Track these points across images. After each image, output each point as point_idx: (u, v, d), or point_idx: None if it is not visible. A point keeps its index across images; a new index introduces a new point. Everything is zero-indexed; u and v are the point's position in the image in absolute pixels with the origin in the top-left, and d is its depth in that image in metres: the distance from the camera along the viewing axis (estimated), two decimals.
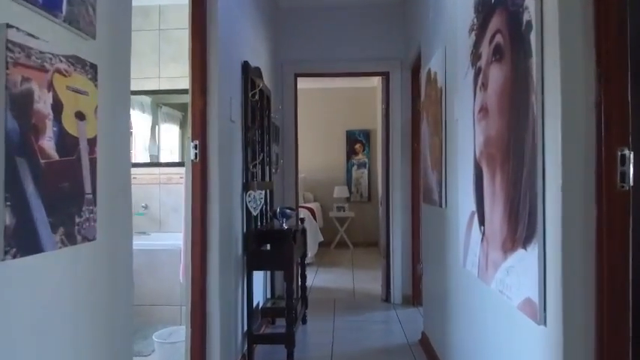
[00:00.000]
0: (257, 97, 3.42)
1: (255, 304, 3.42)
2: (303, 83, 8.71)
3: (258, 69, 3.61)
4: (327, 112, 8.85)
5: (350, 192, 8.90)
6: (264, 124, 3.71)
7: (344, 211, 8.51)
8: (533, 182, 1.46)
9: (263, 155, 3.69)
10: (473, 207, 2.13)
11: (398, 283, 4.73)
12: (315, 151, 8.81)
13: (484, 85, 1.97)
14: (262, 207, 3.49)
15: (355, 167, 9.13)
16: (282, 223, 3.45)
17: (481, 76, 2.01)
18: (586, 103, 1.31)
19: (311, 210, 7.10)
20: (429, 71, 3.30)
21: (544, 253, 1.41)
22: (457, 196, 2.47)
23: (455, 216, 2.51)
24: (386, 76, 4.88)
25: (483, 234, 1.97)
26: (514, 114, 1.63)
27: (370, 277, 5.86)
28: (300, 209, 6.70)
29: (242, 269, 3.11)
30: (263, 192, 3.53)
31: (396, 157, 4.79)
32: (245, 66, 3.19)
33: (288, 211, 3.46)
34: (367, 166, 9.01)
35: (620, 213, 1.26)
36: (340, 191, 8.67)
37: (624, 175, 1.25)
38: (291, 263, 3.02)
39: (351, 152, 9.12)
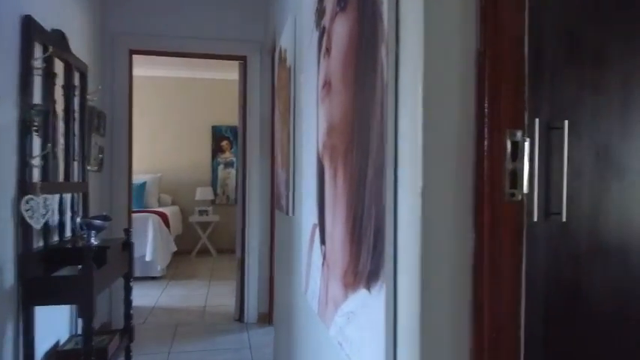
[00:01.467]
0: (54, 69, 2.54)
1: (50, 347, 2.52)
2: (158, 69, 7.74)
3: (59, 33, 2.71)
4: (189, 105, 7.91)
5: (215, 194, 8.09)
6: (70, 107, 2.81)
7: (207, 214, 7.67)
8: (379, 186, 0.91)
9: (70, 147, 2.79)
10: (315, 218, 1.57)
11: (253, 299, 4.11)
12: (175, 148, 7.84)
13: (328, 51, 1.42)
14: (56, 217, 2.61)
15: (222, 166, 8.35)
16: (91, 237, 2.59)
17: (325, 37, 1.46)
18: (462, 55, 0.79)
19: (163, 215, 6.15)
20: (280, 50, 2.73)
21: (394, 300, 0.88)
22: (302, 203, 1.91)
23: (300, 228, 1.95)
24: (243, 61, 4.23)
25: (324, 257, 1.42)
26: (360, 83, 1.08)
27: (228, 289, 5.16)
28: (147, 214, 5.74)
29: (15, 304, 2.21)
30: (58, 196, 2.64)
31: (254, 155, 4.17)
32: (27, 22, 2.29)
33: (97, 221, 2.61)
34: (235, 165, 8.28)
35: (508, 237, 0.76)
36: (203, 193, 7.81)
37: (515, 177, 0.76)
38: (89, 293, 2.21)
39: (217, 150, 8.32)
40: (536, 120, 1.53)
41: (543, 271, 1.48)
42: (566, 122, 1.57)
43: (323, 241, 1.43)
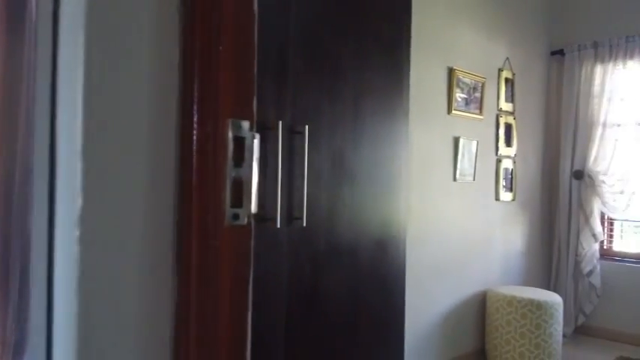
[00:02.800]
0: None
1: None
2: None
3: None
4: None
5: None
6: None
7: None
8: (25, 205, 0.54)
9: None
10: None
11: None
12: None
13: None
14: None
15: None
16: None
17: None
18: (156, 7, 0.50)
19: None
20: None
21: None
22: None
23: None
24: None
25: None
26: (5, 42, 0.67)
27: None
28: None
29: None
30: None
31: None
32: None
33: None
34: None
35: (228, 284, 0.51)
36: None
37: (241, 188, 0.51)
38: None
39: None
40: (280, 122, 1.39)
41: (287, 276, 1.37)
42: (307, 127, 1.49)
43: None
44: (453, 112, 2.87)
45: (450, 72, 2.86)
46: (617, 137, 3.36)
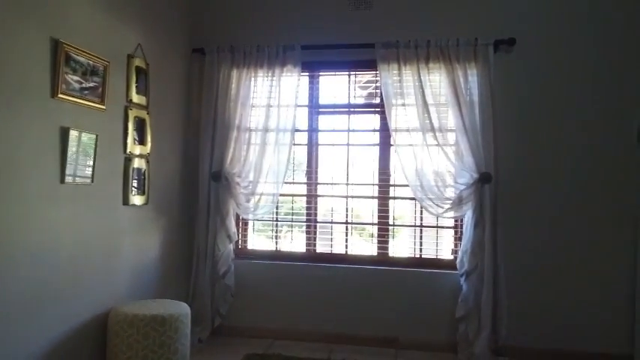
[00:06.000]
0: None
1: None
2: None
3: None
4: None
5: None
6: None
7: None
8: None
9: None
10: None
11: None
12: None
13: None
14: None
15: None
16: None
17: None
18: None
19: None
20: None
21: None
22: None
23: None
24: None
25: None
26: None
27: None
28: None
29: None
30: None
31: None
32: None
33: None
34: None
35: None
36: None
37: None
38: None
39: None
40: None
41: None
42: None
43: None
44: (61, 96, 2.29)
45: (57, 45, 2.27)
46: (249, 141, 3.50)
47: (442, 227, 3.58)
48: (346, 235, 3.68)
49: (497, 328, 3.15)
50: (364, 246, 3.77)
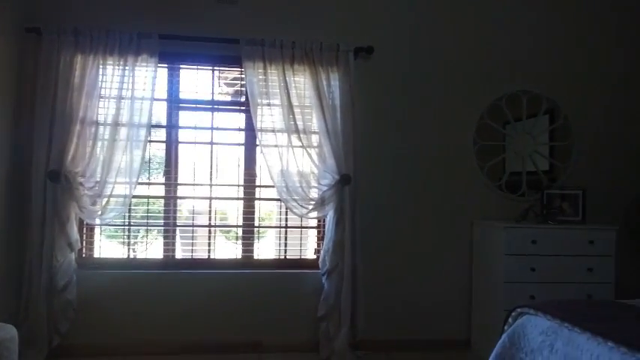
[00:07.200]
0: None
1: None
2: None
3: None
4: None
5: None
6: None
7: None
8: None
9: None
10: None
11: None
12: None
13: None
14: None
15: None
16: None
17: None
18: None
19: None
20: None
21: None
22: None
23: None
24: None
25: None
26: None
27: None
28: None
29: None
30: None
31: None
32: None
33: None
34: None
35: None
36: None
37: None
38: None
39: None
40: None
41: None
42: None
43: None
44: None
45: None
46: (96, 136, 3.11)
47: (306, 227, 3.61)
48: (209, 239, 3.49)
49: (355, 324, 3.27)
50: (229, 250, 3.63)
